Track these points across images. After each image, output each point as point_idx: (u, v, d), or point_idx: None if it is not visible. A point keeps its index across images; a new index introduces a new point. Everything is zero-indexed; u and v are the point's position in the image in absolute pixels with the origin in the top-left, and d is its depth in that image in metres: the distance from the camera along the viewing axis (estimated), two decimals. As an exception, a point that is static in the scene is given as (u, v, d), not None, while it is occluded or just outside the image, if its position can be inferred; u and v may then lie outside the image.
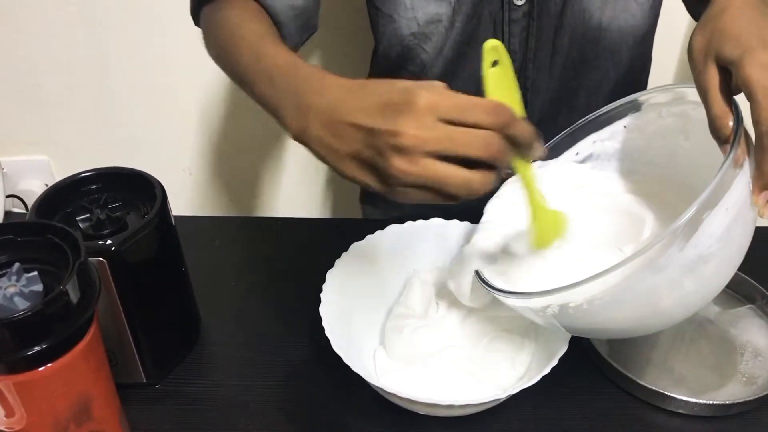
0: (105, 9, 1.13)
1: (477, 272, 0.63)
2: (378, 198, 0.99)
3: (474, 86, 0.78)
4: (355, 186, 1.08)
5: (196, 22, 0.73)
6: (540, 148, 0.49)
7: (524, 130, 0.47)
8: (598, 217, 0.68)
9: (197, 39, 1.15)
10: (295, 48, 0.72)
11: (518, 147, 0.47)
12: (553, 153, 0.70)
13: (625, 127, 0.69)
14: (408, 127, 0.44)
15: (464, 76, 0.80)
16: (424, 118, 0.44)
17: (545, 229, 0.58)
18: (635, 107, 0.68)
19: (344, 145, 0.47)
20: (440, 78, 0.79)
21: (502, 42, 0.76)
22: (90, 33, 1.16)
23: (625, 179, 0.71)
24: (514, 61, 0.77)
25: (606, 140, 0.70)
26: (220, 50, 0.64)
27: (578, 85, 0.82)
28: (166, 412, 0.67)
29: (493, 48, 0.50)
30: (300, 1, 0.70)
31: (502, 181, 0.61)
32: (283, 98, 0.52)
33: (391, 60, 0.81)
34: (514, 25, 0.76)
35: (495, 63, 0.50)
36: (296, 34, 0.72)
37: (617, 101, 0.69)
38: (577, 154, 0.70)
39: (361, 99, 0.47)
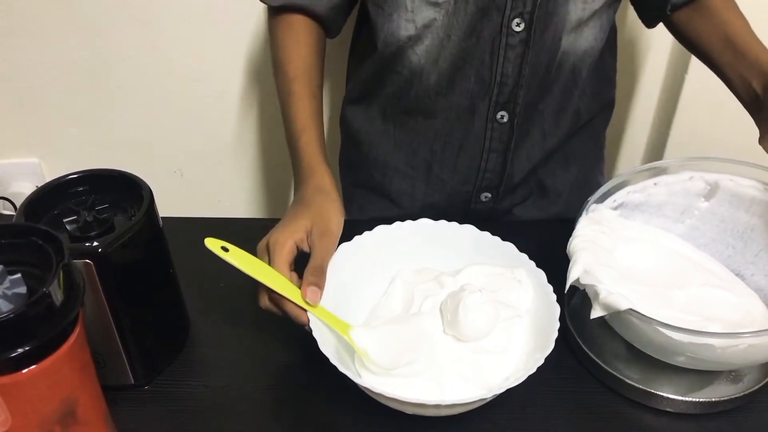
0: (98, 12, 1.13)
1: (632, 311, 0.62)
2: (352, 201, 1.00)
3: (469, 102, 0.81)
4: (346, 191, 1.08)
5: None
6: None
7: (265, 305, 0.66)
8: (644, 261, 0.75)
9: (189, 42, 1.16)
10: (340, 28, 0.87)
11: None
12: (602, 198, 0.76)
13: (655, 184, 0.77)
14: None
15: (460, 90, 0.81)
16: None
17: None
18: (676, 168, 0.77)
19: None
20: (436, 88, 0.82)
21: (497, 66, 0.78)
22: (82, 36, 1.15)
23: (645, 227, 0.78)
24: (505, 85, 0.79)
25: (636, 192, 0.77)
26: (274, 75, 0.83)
27: (545, 107, 0.84)
28: (155, 414, 0.67)
29: (212, 244, 0.64)
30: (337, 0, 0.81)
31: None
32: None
33: (385, 59, 0.82)
34: (510, 51, 0.76)
35: (225, 248, 0.64)
36: (339, 22, 0.85)
37: (668, 161, 0.77)
38: (615, 201, 0.77)
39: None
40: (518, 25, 0.74)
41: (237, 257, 0.64)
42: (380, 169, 0.92)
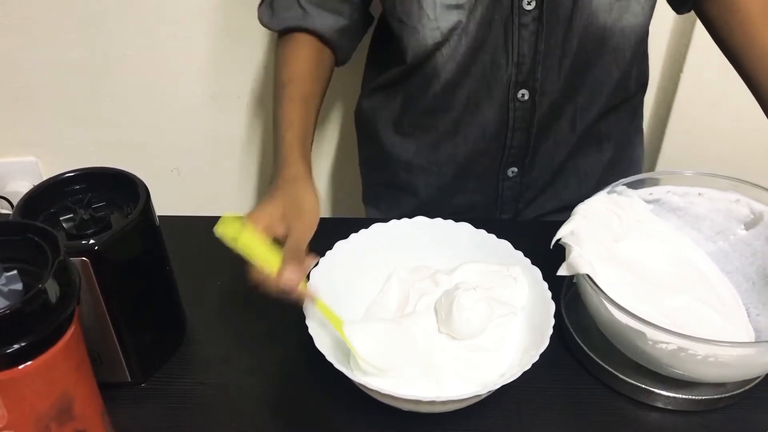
0: (95, 11, 1.13)
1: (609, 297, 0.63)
2: (380, 200, 1.00)
3: (485, 87, 0.82)
4: (344, 187, 1.08)
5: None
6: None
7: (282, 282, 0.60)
8: (655, 259, 0.75)
9: (186, 41, 1.16)
10: (349, 55, 0.87)
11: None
12: (637, 185, 0.76)
13: (699, 194, 0.76)
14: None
15: (475, 77, 0.81)
16: None
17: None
18: (725, 185, 0.75)
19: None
20: (453, 80, 0.81)
21: (512, 47, 0.78)
22: (79, 34, 1.15)
23: (677, 233, 0.78)
24: (523, 64, 0.79)
25: (676, 195, 0.76)
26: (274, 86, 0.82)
27: (581, 83, 0.83)
28: (151, 411, 0.68)
29: (226, 227, 0.62)
30: (344, 22, 0.82)
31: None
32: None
33: (413, 67, 0.83)
34: (524, 30, 0.77)
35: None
36: (346, 47, 0.85)
37: (720, 174, 0.75)
38: (651, 194, 0.76)
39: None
40: (529, 3, 0.75)
41: (245, 244, 0.62)
42: (404, 167, 0.93)
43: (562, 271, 0.67)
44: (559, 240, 0.69)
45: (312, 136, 0.77)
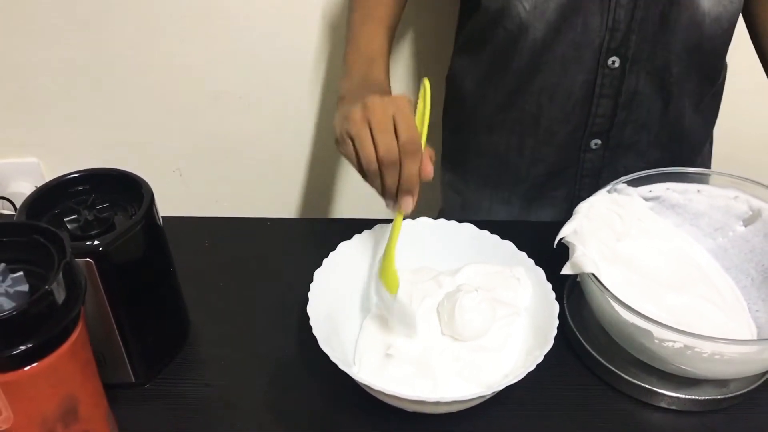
0: (95, 11, 1.13)
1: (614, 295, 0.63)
2: (459, 165, 1.00)
3: (575, 51, 0.81)
4: (345, 189, 1.07)
5: None
6: (409, 203, 0.63)
7: (413, 169, 0.61)
8: (656, 257, 0.76)
9: (188, 42, 1.16)
10: None
11: (402, 178, 0.61)
12: (637, 182, 0.76)
13: (698, 191, 0.76)
14: (374, 100, 0.63)
15: (567, 41, 0.80)
16: (385, 103, 0.63)
17: (386, 279, 0.67)
18: (724, 182, 0.76)
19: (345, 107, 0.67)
20: (542, 41, 0.81)
21: (608, 12, 0.77)
22: (80, 34, 1.15)
23: (676, 230, 0.78)
24: (617, 30, 0.78)
25: (676, 192, 0.77)
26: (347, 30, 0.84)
27: (675, 61, 0.81)
28: (155, 412, 0.68)
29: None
30: None
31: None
32: (348, 81, 0.76)
33: (490, 15, 0.82)
34: None
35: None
36: None
37: (719, 171, 0.76)
38: (650, 192, 0.77)
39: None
40: None
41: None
42: (486, 126, 0.92)
43: (567, 270, 0.67)
44: (561, 239, 0.69)
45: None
